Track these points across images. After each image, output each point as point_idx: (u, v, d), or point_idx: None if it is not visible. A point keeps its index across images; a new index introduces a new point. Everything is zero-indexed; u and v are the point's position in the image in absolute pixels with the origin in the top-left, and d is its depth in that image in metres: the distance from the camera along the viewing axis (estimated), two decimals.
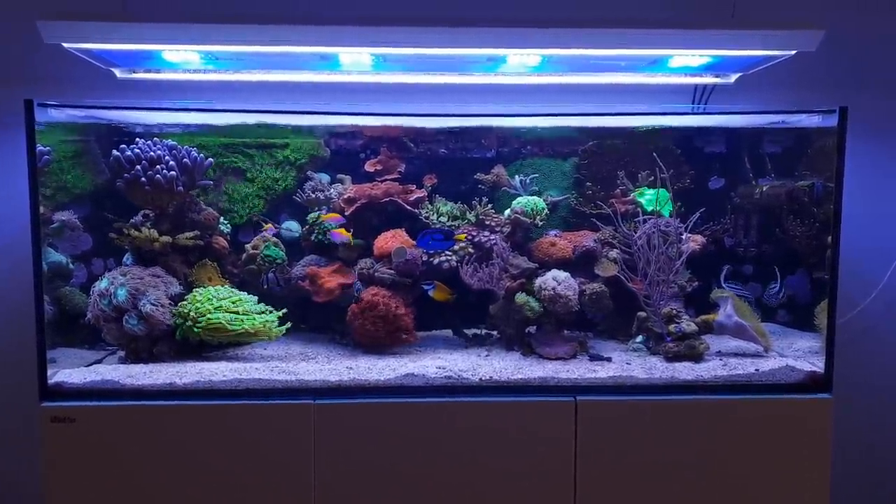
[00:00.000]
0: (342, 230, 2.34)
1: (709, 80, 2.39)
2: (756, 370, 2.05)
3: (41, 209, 2.18)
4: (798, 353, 2.24)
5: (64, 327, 2.24)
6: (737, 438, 1.95)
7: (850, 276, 2.48)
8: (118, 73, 2.26)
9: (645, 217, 2.21)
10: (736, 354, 2.20)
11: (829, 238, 2.03)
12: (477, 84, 2.38)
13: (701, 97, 2.52)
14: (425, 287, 2.25)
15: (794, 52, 2.06)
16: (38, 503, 1.92)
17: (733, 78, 2.37)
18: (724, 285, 2.42)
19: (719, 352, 2.23)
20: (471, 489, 1.94)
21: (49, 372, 1.95)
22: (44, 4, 2.32)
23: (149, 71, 2.28)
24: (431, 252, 2.29)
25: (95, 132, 2.37)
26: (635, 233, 2.20)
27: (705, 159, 2.57)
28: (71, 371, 2.02)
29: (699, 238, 2.41)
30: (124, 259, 2.27)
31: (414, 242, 2.30)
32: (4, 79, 2.39)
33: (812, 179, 2.35)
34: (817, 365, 2.07)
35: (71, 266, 2.32)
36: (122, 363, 2.12)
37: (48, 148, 2.15)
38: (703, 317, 2.23)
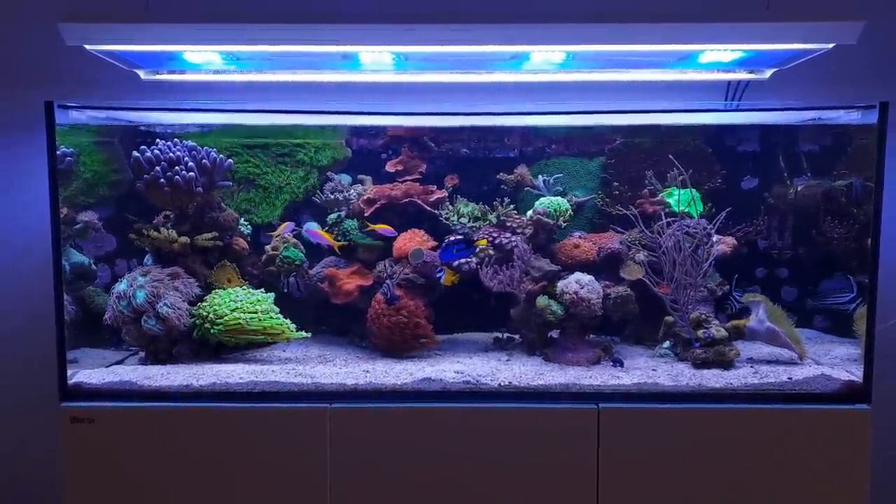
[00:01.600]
0: (322, 232, 2.32)
1: (742, 75, 2.30)
2: (789, 378, 1.96)
3: (64, 210, 2.22)
4: (835, 361, 2.14)
5: (87, 328, 2.26)
6: (767, 451, 1.87)
7: (891, 280, 2.37)
8: (142, 74, 2.27)
9: (669, 220, 2.12)
10: (768, 362, 2.11)
11: (869, 240, 1.92)
12: (500, 82, 2.33)
13: (734, 94, 2.42)
14: (437, 275, 2.21)
15: (832, 46, 1.96)
16: (58, 502, 1.93)
17: (768, 73, 2.28)
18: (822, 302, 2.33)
19: (750, 358, 2.14)
20: (489, 499, 1.89)
21: (69, 372, 1.97)
22: (68, 4, 2.36)
23: (172, 72, 2.28)
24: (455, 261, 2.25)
25: (117, 133, 2.39)
26: (661, 235, 2.12)
27: (738, 158, 2.47)
28: (91, 371, 2.03)
29: (730, 240, 2.32)
30: (145, 260, 2.28)
31: (434, 242, 2.26)
32: (31, 81, 2.41)
33: (850, 179, 2.25)
34: (855, 374, 1.96)
35: (94, 267, 2.34)
36: (141, 364, 2.13)
37: (72, 150, 2.17)
38: (734, 322, 2.15)
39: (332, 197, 2.43)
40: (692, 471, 1.87)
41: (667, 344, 2.20)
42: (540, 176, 2.46)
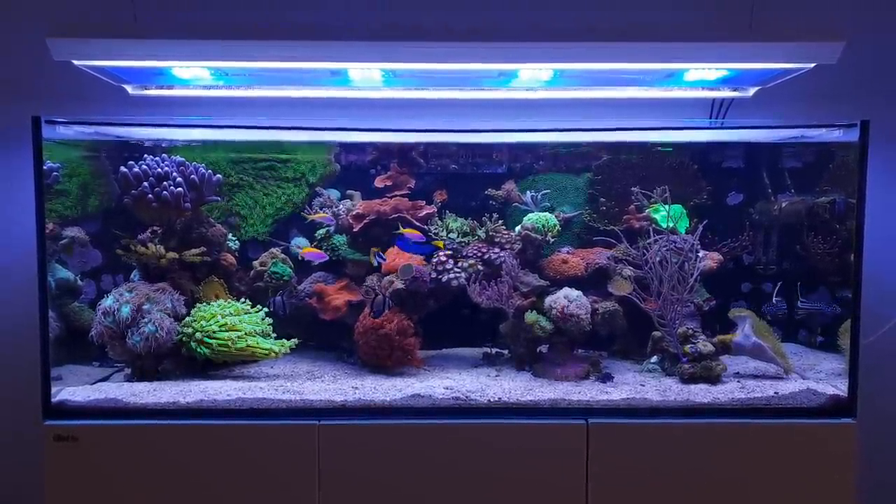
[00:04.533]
0: (315, 249, 2.33)
1: (726, 93, 2.33)
2: (775, 393, 1.98)
3: (50, 225, 2.20)
4: (820, 376, 2.16)
5: (72, 344, 2.23)
6: (755, 465, 1.88)
7: (876, 295, 2.40)
8: (130, 89, 2.26)
9: (657, 237, 2.14)
10: (755, 376, 2.13)
11: (852, 256, 1.95)
12: (489, 99, 2.35)
13: (719, 111, 2.46)
14: (377, 261, 2.23)
15: (813, 65, 2.00)
16: None
17: (751, 91, 2.31)
18: (801, 303, 2.35)
19: (737, 373, 2.16)
20: None
21: (53, 389, 1.94)
22: (57, 18, 2.35)
23: (161, 87, 2.28)
24: (439, 271, 2.25)
25: (105, 148, 2.37)
26: (648, 250, 2.14)
27: (723, 174, 2.51)
28: (75, 389, 2.00)
29: (716, 255, 2.34)
30: (132, 275, 2.27)
31: (423, 261, 2.26)
32: (18, 95, 2.40)
33: (833, 195, 2.28)
34: (840, 388, 1.98)
35: (80, 282, 2.31)
36: (127, 381, 2.10)
37: (57, 164, 2.16)
38: (721, 336, 2.16)
39: (320, 212, 2.42)
40: (681, 485, 1.87)
41: (654, 359, 2.21)
42: (528, 191, 2.48)
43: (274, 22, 2.39)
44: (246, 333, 2.10)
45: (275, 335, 2.19)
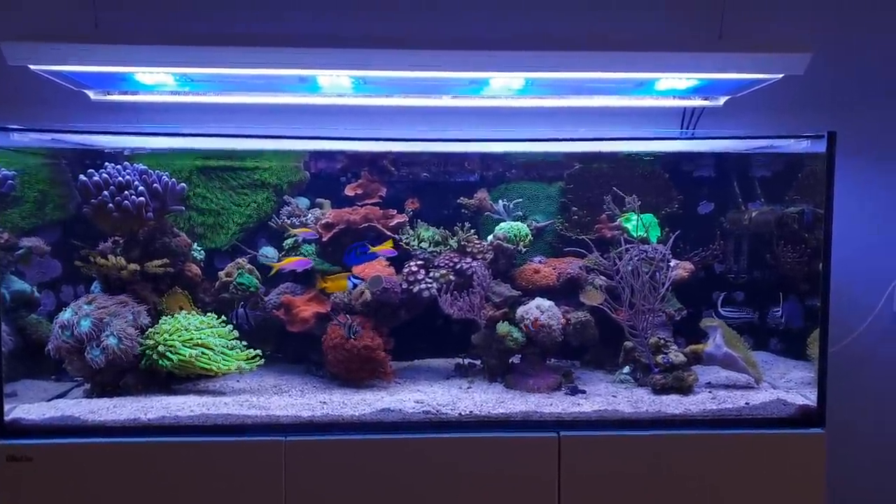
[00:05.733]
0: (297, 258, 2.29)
1: (697, 102, 2.34)
2: (746, 404, 1.98)
3: (5, 235, 2.12)
4: (790, 385, 2.17)
5: (29, 358, 2.15)
6: (727, 475, 1.87)
7: (845, 302, 2.43)
8: (92, 94, 2.20)
9: (628, 246, 2.13)
10: (726, 386, 2.13)
11: (821, 265, 1.96)
12: (460, 107, 2.33)
13: (690, 119, 2.46)
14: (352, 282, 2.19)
15: (781, 76, 2.02)
16: None
17: (722, 100, 2.33)
18: (721, 311, 2.35)
19: (709, 383, 2.16)
20: None
21: (7, 407, 1.86)
22: (15, 24, 2.28)
23: (124, 93, 2.22)
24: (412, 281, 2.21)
25: (64, 155, 2.30)
26: (620, 259, 2.13)
27: (694, 184, 2.51)
28: (30, 406, 1.92)
29: (688, 265, 2.34)
30: (92, 287, 2.19)
31: (393, 271, 2.22)
32: None
33: (802, 205, 2.30)
34: (809, 398, 1.99)
35: (37, 294, 2.23)
36: (86, 397, 2.03)
37: (13, 172, 2.08)
38: (692, 347, 2.16)
39: (289, 221, 2.38)
40: (653, 497, 1.86)
41: (626, 369, 2.20)
42: (500, 200, 2.46)
43: (239, 28, 2.36)
44: (210, 349, 2.03)
45: (240, 348, 2.13)
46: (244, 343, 2.13)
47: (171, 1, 2.35)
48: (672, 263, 2.22)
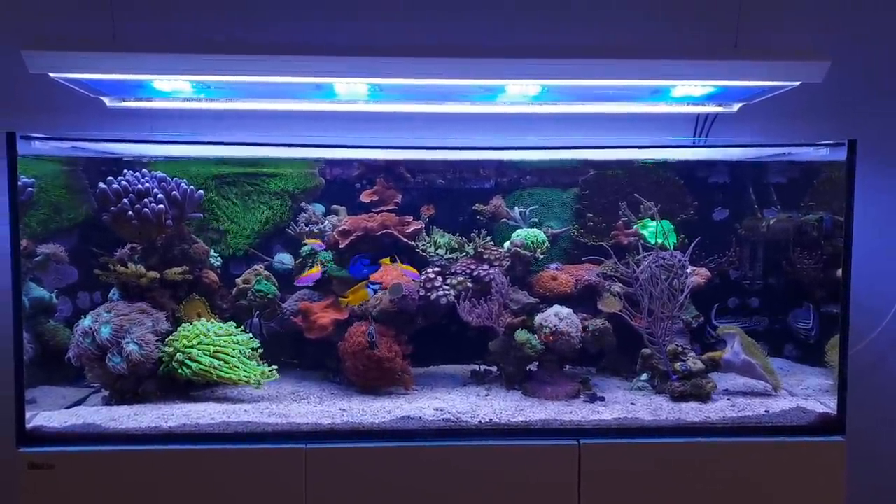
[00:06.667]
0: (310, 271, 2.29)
1: (711, 109, 2.34)
2: (766, 411, 1.97)
3: (24, 242, 2.12)
4: (808, 392, 2.17)
5: (47, 365, 2.15)
6: (747, 483, 1.87)
7: (855, 308, 2.42)
8: (108, 101, 2.20)
9: (646, 253, 2.13)
10: (744, 394, 2.13)
11: (839, 273, 1.96)
12: (476, 113, 2.33)
13: (704, 125, 2.46)
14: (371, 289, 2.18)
15: (798, 83, 2.02)
16: None
17: (736, 107, 2.33)
18: (714, 323, 2.35)
19: (727, 390, 2.15)
20: None
21: (28, 415, 1.86)
22: (36, 30, 2.28)
23: (139, 99, 2.22)
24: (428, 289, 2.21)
25: (83, 163, 2.30)
26: (637, 266, 2.13)
27: (709, 190, 2.51)
28: (51, 413, 1.93)
29: (704, 272, 2.34)
30: (110, 294, 2.19)
31: (410, 279, 2.22)
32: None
33: (820, 213, 2.30)
34: (829, 405, 1.99)
35: (55, 301, 2.24)
36: (106, 404, 2.03)
37: (32, 179, 2.08)
38: (710, 354, 2.16)
39: (307, 228, 2.38)
40: None
41: (644, 376, 2.20)
42: (516, 207, 2.46)
43: (257, 36, 2.36)
44: (230, 356, 2.03)
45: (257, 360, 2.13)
46: (260, 350, 2.13)
47: (186, 9, 2.36)
48: (688, 270, 2.22)
